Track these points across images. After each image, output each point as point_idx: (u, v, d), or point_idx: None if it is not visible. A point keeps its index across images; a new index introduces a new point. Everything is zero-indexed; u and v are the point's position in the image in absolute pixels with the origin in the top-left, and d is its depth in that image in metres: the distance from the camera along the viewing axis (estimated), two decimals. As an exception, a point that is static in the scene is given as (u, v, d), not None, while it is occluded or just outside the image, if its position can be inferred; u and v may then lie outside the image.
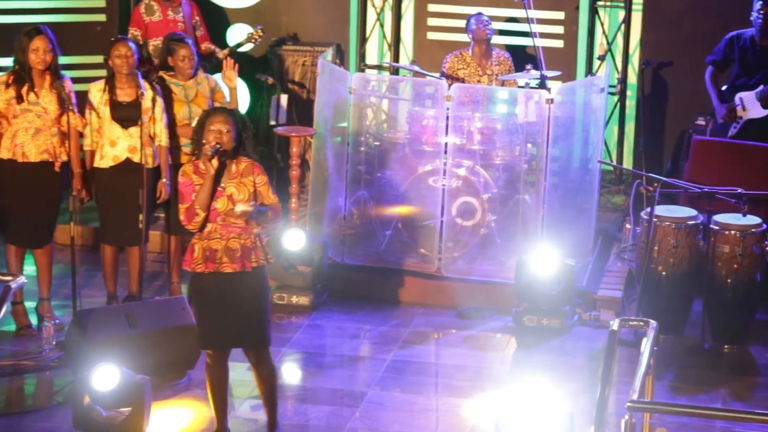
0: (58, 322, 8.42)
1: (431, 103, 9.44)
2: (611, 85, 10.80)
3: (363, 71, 11.21)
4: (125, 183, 8.48)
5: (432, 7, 11.33)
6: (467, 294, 9.10)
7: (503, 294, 8.99)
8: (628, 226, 9.64)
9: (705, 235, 8.56)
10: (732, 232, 8.45)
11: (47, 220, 8.44)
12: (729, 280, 8.47)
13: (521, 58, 10.33)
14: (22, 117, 8.24)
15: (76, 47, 10.16)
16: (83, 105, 8.50)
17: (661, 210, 8.57)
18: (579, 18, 11.11)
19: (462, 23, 10.41)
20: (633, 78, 11.12)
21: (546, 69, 9.76)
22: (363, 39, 11.39)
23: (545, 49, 10.10)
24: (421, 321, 8.93)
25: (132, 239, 8.61)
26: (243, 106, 10.83)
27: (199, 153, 6.79)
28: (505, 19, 11.02)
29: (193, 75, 8.87)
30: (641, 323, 6.23)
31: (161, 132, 8.55)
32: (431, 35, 11.37)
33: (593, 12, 11.08)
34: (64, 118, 8.28)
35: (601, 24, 11.05)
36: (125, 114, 8.47)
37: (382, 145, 9.55)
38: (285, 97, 10.91)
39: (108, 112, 8.47)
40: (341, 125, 9.49)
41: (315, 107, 9.71)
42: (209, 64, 10.03)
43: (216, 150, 6.71)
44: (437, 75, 9.98)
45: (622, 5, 11.03)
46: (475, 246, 9.26)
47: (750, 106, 9.82)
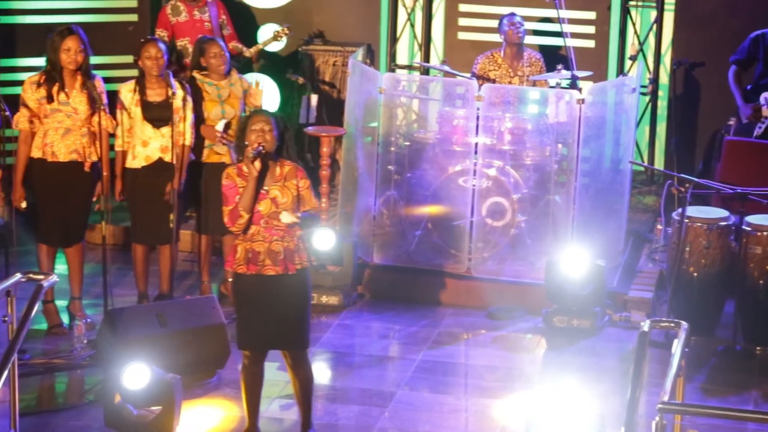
0: (89, 320, 8.45)
1: (461, 103, 9.42)
2: (643, 85, 10.77)
3: (393, 71, 11.20)
4: (157, 183, 8.52)
5: (463, 7, 11.31)
6: (497, 294, 9.08)
7: (533, 295, 8.97)
8: (659, 227, 9.61)
9: (737, 237, 8.51)
10: (764, 233, 8.40)
11: (78, 219, 8.46)
12: (761, 281, 8.42)
13: (552, 58, 10.29)
14: (52, 117, 8.26)
15: (106, 47, 10.19)
16: (114, 105, 8.53)
17: (693, 211, 8.53)
18: (611, 18, 11.07)
19: (493, 23, 10.39)
20: (665, 78, 11.07)
21: (577, 69, 9.72)
22: (394, 39, 11.39)
23: (577, 49, 10.07)
24: (451, 321, 8.91)
25: (163, 238, 8.64)
26: (273, 106, 10.85)
27: (242, 156, 6.80)
28: (537, 20, 10.99)
29: (226, 73, 8.89)
30: (672, 324, 6.19)
31: (187, 131, 8.57)
32: (462, 35, 11.35)
33: (625, 12, 11.04)
34: (94, 118, 8.31)
35: (633, 24, 11.01)
36: (156, 114, 8.50)
37: (412, 145, 9.54)
38: (315, 97, 10.92)
39: (139, 112, 8.50)
40: (372, 125, 9.48)
41: (345, 107, 9.72)
42: (237, 63, 10.04)
43: (258, 152, 6.70)
44: (468, 75, 9.96)
45: (654, 5, 10.98)
46: (505, 246, 9.24)
47: (775, 105, 9.77)
